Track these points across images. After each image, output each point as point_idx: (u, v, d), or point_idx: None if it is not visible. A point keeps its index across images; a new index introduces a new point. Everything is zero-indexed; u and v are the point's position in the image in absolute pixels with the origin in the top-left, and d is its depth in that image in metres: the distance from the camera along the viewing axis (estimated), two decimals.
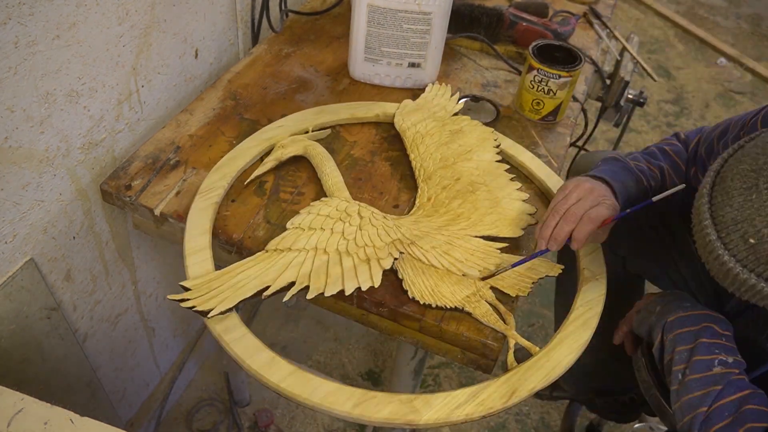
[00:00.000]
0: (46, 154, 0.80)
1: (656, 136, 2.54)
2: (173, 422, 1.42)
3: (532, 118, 1.10)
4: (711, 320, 0.78)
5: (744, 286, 0.62)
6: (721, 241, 0.63)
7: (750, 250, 0.60)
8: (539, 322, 1.75)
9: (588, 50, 1.33)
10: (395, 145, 1.00)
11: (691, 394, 0.72)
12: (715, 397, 0.71)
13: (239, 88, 1.07)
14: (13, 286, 0.81)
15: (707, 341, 0.75)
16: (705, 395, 0.71)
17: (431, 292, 0.75)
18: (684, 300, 0.84)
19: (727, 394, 0.70)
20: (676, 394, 0.74)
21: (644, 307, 0.86)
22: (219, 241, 0.82)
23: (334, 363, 1.60)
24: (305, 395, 0.65)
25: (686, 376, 0.73)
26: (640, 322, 0.86)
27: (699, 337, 0.76)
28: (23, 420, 0.60)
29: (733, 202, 0.62)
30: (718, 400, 0.70)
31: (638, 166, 0.91)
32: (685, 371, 0.74)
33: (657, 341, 0.81)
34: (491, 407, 0.67)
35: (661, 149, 0.95)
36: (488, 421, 1.52)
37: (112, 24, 0.83)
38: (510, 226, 0.85)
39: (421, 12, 1.02)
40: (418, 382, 1.06)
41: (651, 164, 0.93)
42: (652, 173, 0.91)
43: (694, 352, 0.75)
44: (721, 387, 0.71)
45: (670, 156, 0.94)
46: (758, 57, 3.09)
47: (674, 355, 0.76)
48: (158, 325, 1.27)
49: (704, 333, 0.76)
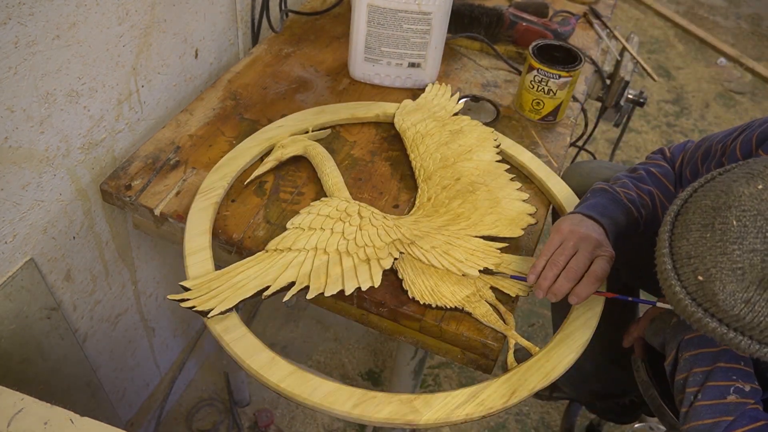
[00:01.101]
0: (46, 154, 0.80)
1: (656, 136, 2.54)
2: (173, 422, 1.42)
3: (532, 118, 1.10)
4: None
5: (692, 318, 0.63)
6: (675, 272, 0.64)
7: (698, 286, 0.61)
8: (539, 322, 1.75)
9: (588, 50, 1.33)
10: (395, 145, 1.00)
11: (700, 420, 0.70)
12: (725, 428, 0.68)
13: (239, 88, 1.07)
14: (13, 286, 0.81)
15: (725, 366, 0.73)
16: (714, 425, 0.69)
17: (431, 292, 0.75)
18: None
19: (738, 426, 0.68)
20: (684, 417, 0.72)
21: (659, 317, 0.84)
22: (219, 241, 0.82)
23: (334, 363, 1.60)
24: (305, 395, 0.65)
25: (697, 401, 0.71)
26: (654, 332, 0.83)
27: (717, 360, 0.73)
28: (23, 420, 0.60)
29: (690, 236, 0.63)
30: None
31: (628, 195, 0.89)
32: (698, 395, 0.71)
33: (670, 357, 0.78)
34: (491, 407, 0.67)
35: (648, 171, 0.93)
36: (488, 421, 1.52)
37: (112, 24, 0.83)
38: (510, 226, 0.85)
39: (421, 12, 1.02)
40: (418, 382, 1.06)
41: (641, 191, 0.91)
42: (642, 201, 0.90)
43: (709, 376, 0.72)
44: (732, 418, 0.69)
45: (659, 179, 0.92)
46: (758, 57, 3.09)
47: (689, 376, 0.74)
48: (158, 325, 1.27)
49: (723, 356, 0.73)
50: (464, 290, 0.76)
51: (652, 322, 0.86)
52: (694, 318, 0.63)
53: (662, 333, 0.82)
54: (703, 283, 0.61)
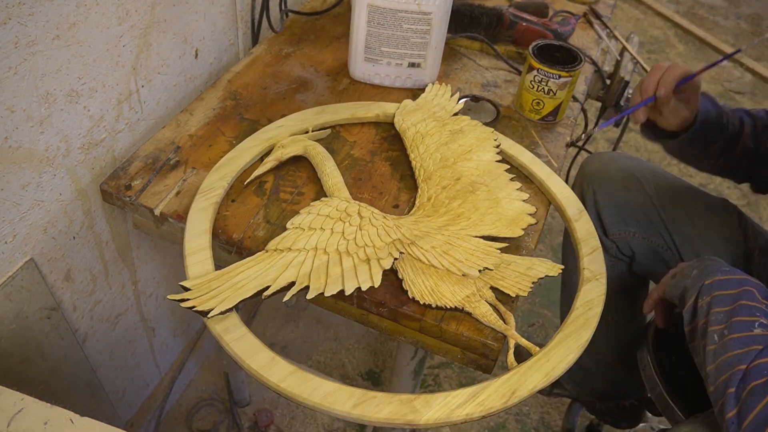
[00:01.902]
0: (46, 154, 0.80)
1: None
2: (173, 422, 1.42)
3: (532, 118, 1.10)
4: (751, 284, 0.77)
5: None
6: None
7: None
8: (539, 322, 1.75)
9: (588, 50, 1.33)
10: (395, 145, 1.00)
11: (731, 352, 0.70)
12: (755, 356, 0.69)
13: (239, 88, 1.07)
14: (13, 286, 0.81)
15: (747, 303, 0.74)
16: (745, 354, 0.69)
17: (431, 292, 0.75)
18: (722, 264, 0.82)
19: (766, 354, 0.68)
20: (713, 355, 0.72)
21: (680, 272, 0.84)
22: (219, 241, 0.82)
23: (334, 363, 1.60)
24: (305, 395, 0.65)
25: (725, 336, 0.71)
26: (674, 285, 0.84)
27: (738, 299, 0.74)
28: (23, 420, 0.60)
29: None
30: (759, 359, 0.68)
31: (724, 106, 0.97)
32: (724, 332, 0.72)
33: (689, 303, 0.78)
34: (491, 407, 0.67)
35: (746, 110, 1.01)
36: (488, 421, 1.52)
37: (112, 24, 0.83)
38: (510, 226, 0.85)
39: (421, 12, 1.02)
40: (418, 382, 1.06)
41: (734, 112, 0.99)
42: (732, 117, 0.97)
43: (733, 313, 0.73)
44: (762, 347, 0.69)
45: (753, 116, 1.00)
46: (758, 57, 3.09)
47: (710, 317, 0.74)
48: (158, 325, 1.27)
49: (744, 296, 0.74)
50: (464, 290, 0.76)
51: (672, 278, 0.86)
52: None
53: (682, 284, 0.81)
54: None
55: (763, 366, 0.67)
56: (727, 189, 2.36)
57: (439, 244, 0.80)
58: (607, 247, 1.17)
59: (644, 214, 1.15)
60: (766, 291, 0.77)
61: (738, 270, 0.80)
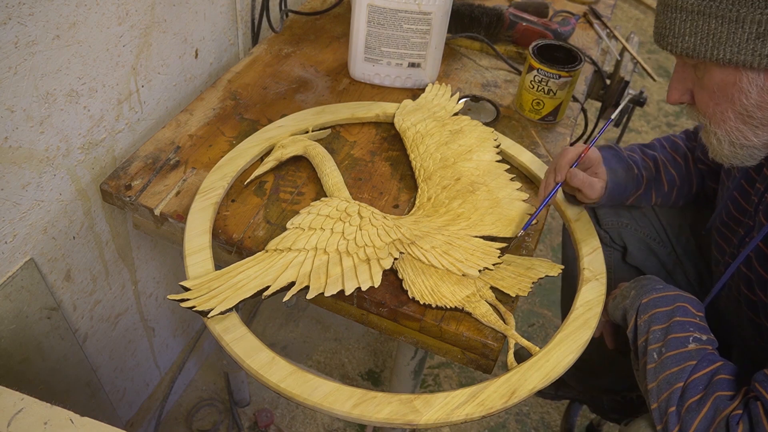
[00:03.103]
0: (46, 154, 0.80)
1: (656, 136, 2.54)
2: (173, 422, 1.42)
3: (532, 118, 1.10)
4: (684, 300, 0.81)
5: None
6: None
7: None
8: (539, 322, 1.75)
9: (588, 50, 1.33)
10: (395, 145, 1.00)
11: (669, 370, 0.74)
12: (690, 372, 0.73)
13: (239, 88, 1.07)
14: (13, 286, 0.81)
15: (681, 320, 0.78)
16: (681, 371, 0.73)
17: (431, 292, 0.75)
18: (656, 282, 0.85)
19: (700, 368, 0.73)
20: (653, 373, 0.76)
21: (620, 293, 0.88)
22: (219, 241, 0.82)
23: (334, 363, 1.60)
24: (305, 395, 0.65)
25: (663, 354, 0.76)
26: (615, 307, 0.88)
27: (673, 316, 0.78)
28: (23, 420, 0.60)
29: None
30: (693, 374, 0.72)
31: (631, 156, 0.95)
32: (662, 349, 0.76)
33: (631, 323, 0.82)
34: (491, 407, 0.67)
35: (659, 142, 1.01)
36: (488, 421, 1.52)
37: (112, 24, 0.83)
38: (510, 226, 0.85)
39: (421, 12, 1.02)
40: (418, 382, 1.06)
41: (645, 155, 0.98)
42: (645, 163, 0.96)
43: (669, 330, 0.77)
44: (695, 362, 0.73)
45: (665, 149, 1.00)
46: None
47: (649, 335, 0.78)
48: (158, 325, 1.27)
49: (677, 312, 0.79)
50: (464, 290, 0.76)
51: (613, 299, 0.89)
52: None
53: (623, 305, 0.85)
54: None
55: (698, 381, 0.72)
56: None
57: (439, 244, 0.80)
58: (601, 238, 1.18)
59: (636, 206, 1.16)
60: (699, 303, 0.81)
61: (672, 286, 0.84)
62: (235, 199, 0.87)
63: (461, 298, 0.75)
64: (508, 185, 0.92)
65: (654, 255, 1.15)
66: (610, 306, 0.89)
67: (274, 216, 0.85)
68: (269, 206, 0.87)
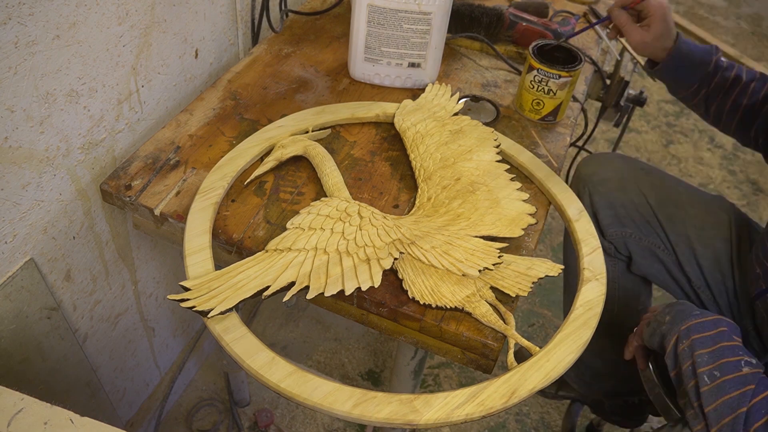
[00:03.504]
0: (46, 154, 0.80)
1: (656, 136, 2.54)
2: (173, 422, 1.42)
3: (532, 118, 1.10)
4: (724, 324, 0.80)
5: None
6: None
7: None
8: (539, 322, 1.75)
9: (588, 50, 1.33)
10: (395, 145, 1.00)
11: (728, 395, 0.73)
12: (750, 396, 0.72)
13: (239, 88, 1.07)
14: (13, 286, 0.81)
15: (727, 344, 0.78)
16: (742, 395, 0.73)
17: (431, 292, 0.75)
18: (693, 308, 0.85)
19: (759, 392, 0.72)
20: (708, 395, 0.75)
21: (654, 319, 0.87)
22: (219, 241, 0.82)
23: (334, 363, 1.60)
24: (305, 395, 0.65)
25: (717, 378, 0.75)
26: (651, 333, 0.87)
27: (719, 341, 0.78)
28: (23, 420, 0.60)
29: None
30: (754, 398, 0.72)
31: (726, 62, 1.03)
32: (714, 372, 0.75)
33: (670, 348, 0.82)
34: (491, 407, 0.67)
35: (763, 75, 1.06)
36: (488, 421, 1.52)
37: (112, 24, 0.83)
38: (510, 226, 0.85)
39: (421, 12, 1.02)
40: (418, 382, 1.06)
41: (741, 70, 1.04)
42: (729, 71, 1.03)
43: (718, 354, 0.77)
44: (754, 386, 0.73)
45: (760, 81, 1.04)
46: (758, 57, 3.09)
47: (695, 359, 0.78)
48: (158, 325, 1.27)
49: (722, 337, 0.78)
50: (464, 290, 0.76)
51: (647, 326, 0.88)
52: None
53: (659, 332, 0.84)
54: None
55: (760, 405, 0.71)
56: (727, 189, 2.36)
57: (439, 244, 0.80)
58: (605, 248, 1.18)
59: (640, 215, 1.16)
60: (736, 328, 0.82)
61: (708, 312, 0.84)
62: (235, 199, 0.87)
63: (461, 298, 0.75)
64: (508, 185, 0.91)
65: (659, 262, 1.14)
66: (645, 331, 0.88)
67: (274, 216, 0.85)
68: (269, 206, 0.87)
